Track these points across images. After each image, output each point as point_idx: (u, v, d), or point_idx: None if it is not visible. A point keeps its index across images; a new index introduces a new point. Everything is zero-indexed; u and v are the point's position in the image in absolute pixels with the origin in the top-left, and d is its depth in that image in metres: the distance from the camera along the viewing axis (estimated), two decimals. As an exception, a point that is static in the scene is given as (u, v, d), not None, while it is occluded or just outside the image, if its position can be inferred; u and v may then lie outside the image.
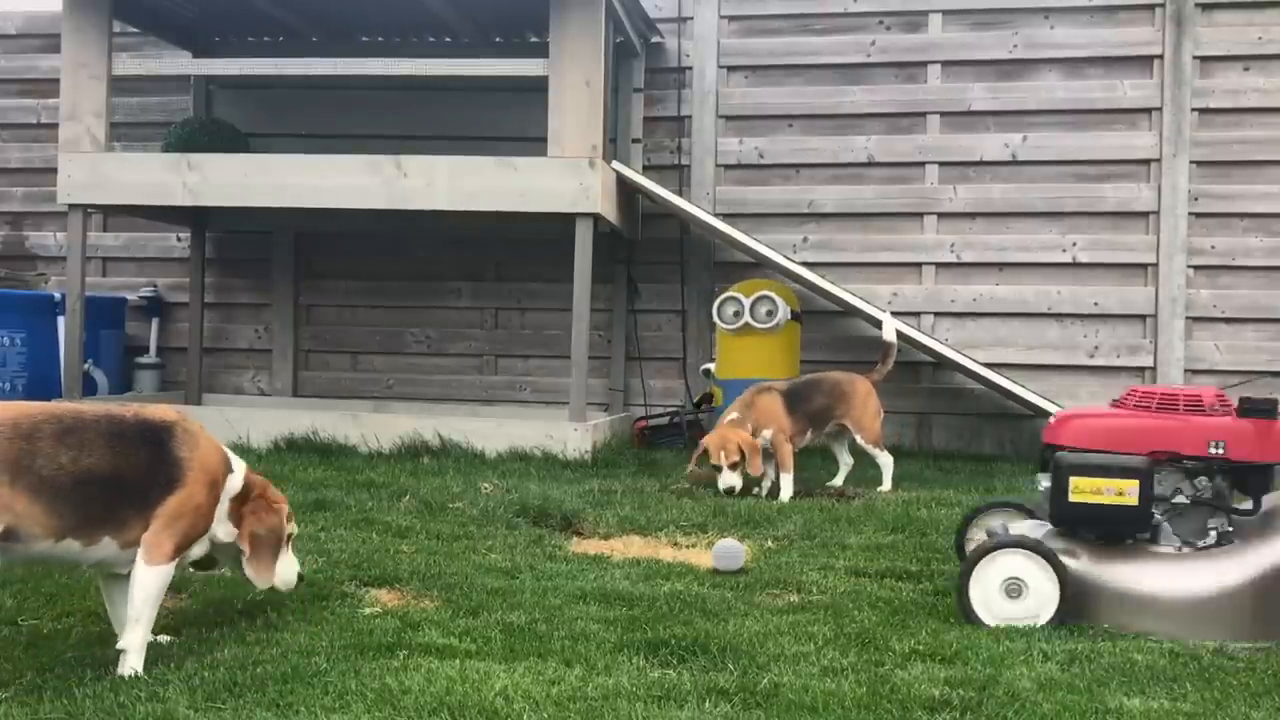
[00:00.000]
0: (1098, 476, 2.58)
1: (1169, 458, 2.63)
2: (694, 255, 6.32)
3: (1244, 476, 2.64)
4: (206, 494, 2.28)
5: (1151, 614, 2.53)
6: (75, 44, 5.69)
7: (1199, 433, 2.63)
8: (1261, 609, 2.48)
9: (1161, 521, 2.65)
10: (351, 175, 5.47)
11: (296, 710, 1.94)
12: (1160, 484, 2.63)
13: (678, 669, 2.21)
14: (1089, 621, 2.56)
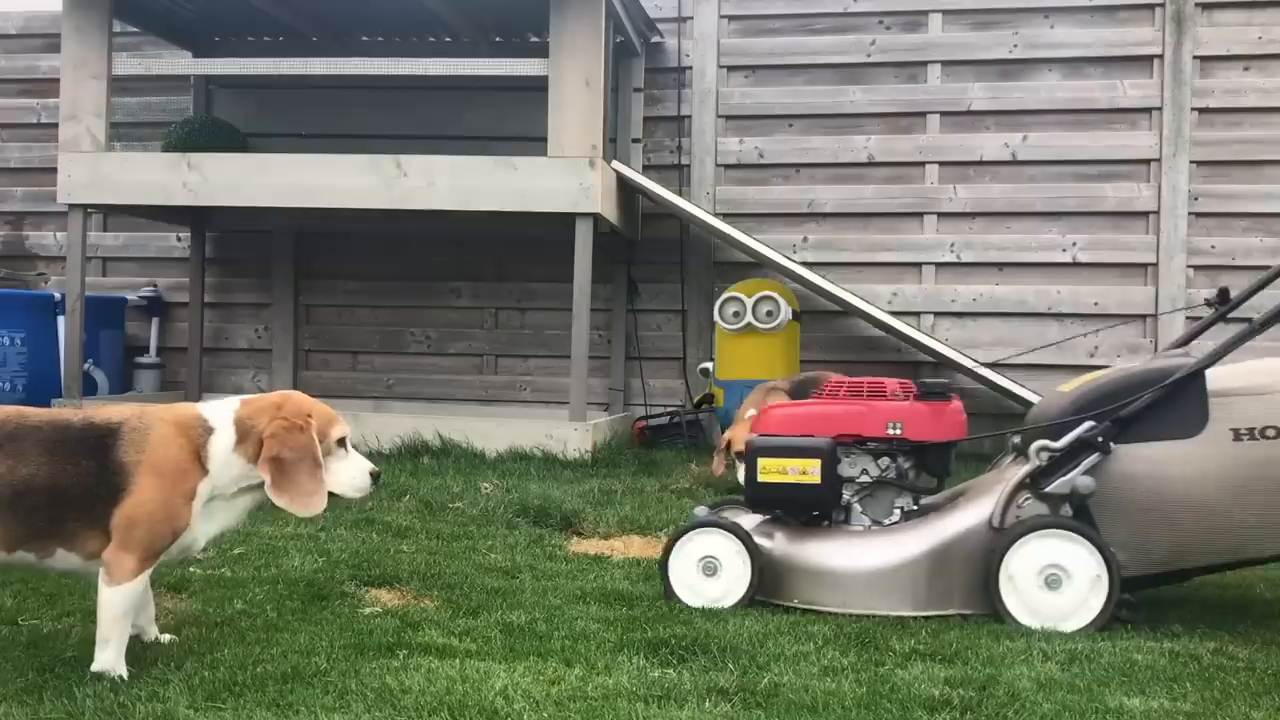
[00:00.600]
0: (783, 457, 2.73)
1: (854, 440, 2.78)
2: (694, 255, 6.32)
3: (924, 456, 2.82)
4: (164, 495, 2.10)
5: (837, 588, 2.68)
6: (75, 44, 5.69)
7: (879, 415, 2.79)
8: (935, 580, 2.63)
9: (852, 502, 2.81)
10: (351, 175, 5.47)
11: (296, 710, 1.94)
12: (849, 466, 2.79)
13: (678, 669, 2.21)
14: (783, 599, 2.69)
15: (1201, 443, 2.58)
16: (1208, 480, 2.56)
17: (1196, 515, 2.57)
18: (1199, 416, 2.58)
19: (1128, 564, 2.58)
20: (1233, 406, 2.58)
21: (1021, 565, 2.57)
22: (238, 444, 2.17)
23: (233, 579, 2.90)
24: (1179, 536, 2.58)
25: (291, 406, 2.22)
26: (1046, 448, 2.63)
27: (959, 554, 2.63)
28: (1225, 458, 2.56)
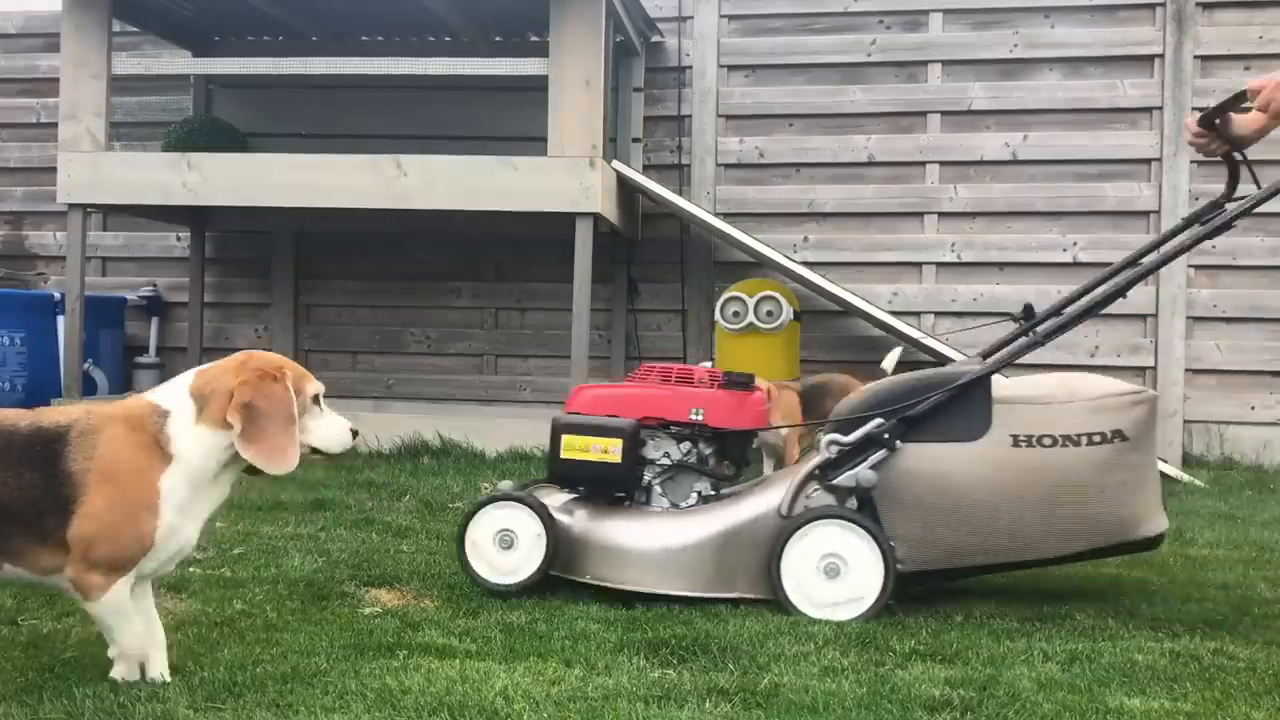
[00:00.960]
0: (586, 435, 2.79)
1: (658, 423, 2.84)
2: (694, 255, 6.32)
3: (725, 443, 2.88)
4: (119, 503, 1.91)
5: (627, 566, 2.73)
6: (75, 43, 5.69)
7: (682, 401, 2.85)
8: (721, 563, 2.70)
9: (654, 484, 2.86)
10: (351, 175, 5.47)
11: (296, 710, 1.94)
12: (652, 449, 2.85)
13: (678, 669, 2.21)
14: (577, 575, 2.74)
15: (983, 446, 2.66)
16: (987, 482, 2.64)
17: (975, 515, 2.64)
18: (983, 421, 2.67)
19: (907, 558, 2.66)
20: (1014, 414, 2.67)
21: (802, 553, 2.64)
22: (200, 415, 1.98)
23: (233, 579, 2.90)
24: (957, 535, 2.66)
25: (259, 360, 2.06)
26: (836, 441, 2.71)
27: (747, 539, 2.70)
28: (1004, 462, 2.64)
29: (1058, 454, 2.63)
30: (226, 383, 2.01)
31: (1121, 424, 2.64)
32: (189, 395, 2.01)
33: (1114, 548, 2.71)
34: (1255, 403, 5.86)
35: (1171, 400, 5.86)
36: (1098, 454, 2.63)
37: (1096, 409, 2.64)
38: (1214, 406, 5.89)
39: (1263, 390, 5.87)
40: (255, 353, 2.09)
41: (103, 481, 1.90)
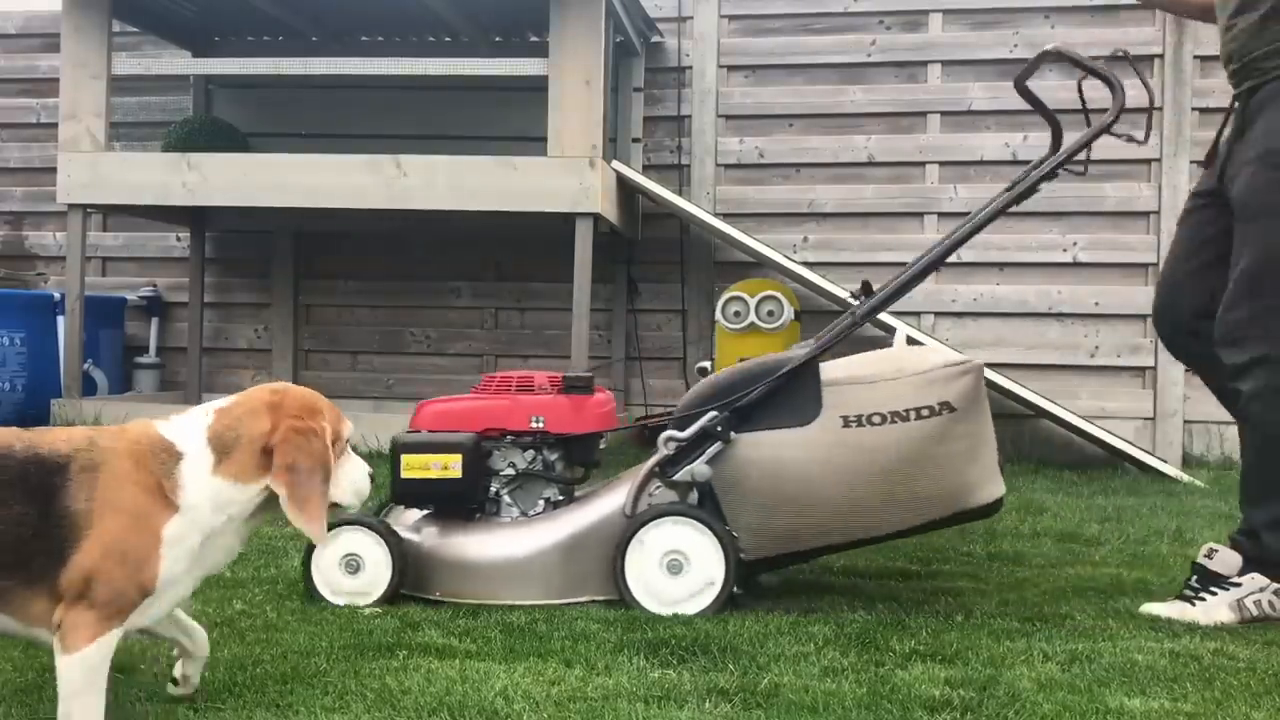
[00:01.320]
0: (425, 453, 2.77)
1: (500, 434, 2.84)
2: (694, 255, 6.32)
3: (569, 448, 2.88)
4: (121, 545, 1.69)
5: (475, 578, 2.73)
6: (75, 43, 5.69)
7: (522, 409, 2.85)
8: (569, 568, 2.71)
9: (502, 494, 2.86)
10: (351, 175, 5.47)
11: (296, 710, 1.94)
12: (498, 460, 2.85)
13: (678, 669, 2.21)
14: (428, 593, 2.72)
15: (815, 429, 2.68)
16: (821, 465, 2.66)
17: (812, 498, 2.66)
18: (813, 405, 2.69)
19: (751, 546, 2.68)
20: (843, 395, 2.69)
21: (644, 552, 2.65)
22: (217, 465, 1.77)
23: (232, 579, 2.90)
24: (797, 519, 2.67)
25: (294, 403, 1.83)
26: (673, 437, 2.71)
27: (594, 542, 2.71)
28: (836, 443, 2.66)
29: (887, 431, 2.66)
30: (256, 430, 1.79)
31: (948, 395, 2.66)
32: (206, 439, 1.78)
33: (953, 517, 2.73)
34: (1255, 403, 5.85)
35: (1171, 400, 5.86)
36: (927, 427, 2.65)
37: (922, 383, 2.66)
38: (1214, 406, 5.76)
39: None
40: (289, 389, 1.86)
41: (108, 520, 1.69)
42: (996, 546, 3.50)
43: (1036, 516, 4.04)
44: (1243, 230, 2.69)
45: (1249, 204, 2.67)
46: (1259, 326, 2.63)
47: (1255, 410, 2.65)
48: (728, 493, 2.69)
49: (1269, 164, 2.63)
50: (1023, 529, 3.81)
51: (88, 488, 1.69)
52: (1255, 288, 2.64)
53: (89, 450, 1.73)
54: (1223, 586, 2.66)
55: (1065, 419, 5.41)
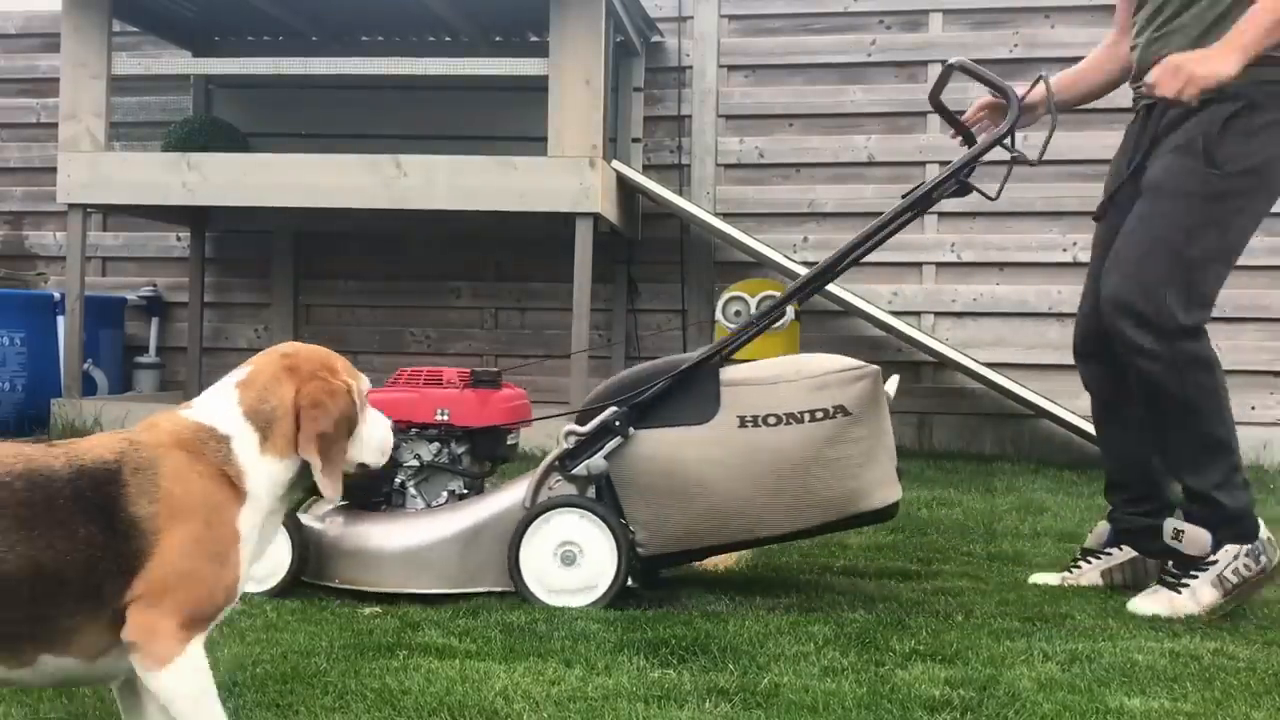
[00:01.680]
0: None
1: (406, 425, 2.87)
2: (694, 255, 6.32)
3: (474, 441, 2.92)
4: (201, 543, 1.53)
5: (373, 567, 2.76)
6: (75, 43, 5.69)
7: (428, 402, 2.89)
8: (467, 558, 2.74)
9: (408, 486, 2.89)
10: (351, 175, 5.47)
11: (296, 710, 1.94)
12: (405, 451, 2.88)
13: (678, 669, 2.21)
14: (327, 580, 2.75)
15: (712, 428, 2.72)
16: (717, 464, 2.70)
17: (707, 497, 2.70)
18: (711, 404, 2.73)
19: (647, 542, 2.72)
20: (740, 395, 2.73)
21: (539, 543, 2.69)
22: (264, 442, 1.61)
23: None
24: (692, 517, 2.71)
25: (311, 362, 1.67)
26: (573, 432, 2.75)
27: (493, 534, 2.74)
28: (732, 443, 2.70)
29: (782, 432, 2.69)
30: (287, 398, 1.63)
31: (844, 400, 2.70)
32: (245, 418, 1.61)
33: (847, 520, 2.77)
34: (1255, 403, 5.85)
35: (1171, 400, 5.85)
36: (821, 430, 2.69)
37: (818, 386, 2.70)
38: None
39: (1263, 390, 5.86)
40: (297, 349, 1.70)
41: (175, 523, 1.50)
42: (996, 546, 3.50)
43: (1036, 516, 4.04)
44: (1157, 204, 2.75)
45: (1167, 183, 2.74)
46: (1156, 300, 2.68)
47: (1169, 380, 2.68)
48: (625, 488, 2.74)
49: (1190, 153, 2.70)
50: (1023, 529, 3.81)
51: (148, 489, 1.50)
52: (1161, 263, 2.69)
53: (134, 450, 1.54)
54: (1200, 568, 2.69)
55: (1065, 419, 5.41)
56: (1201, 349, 2.70)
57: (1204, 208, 2.69)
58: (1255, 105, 2.66)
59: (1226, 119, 2.66)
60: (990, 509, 4.16)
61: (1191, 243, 2.69)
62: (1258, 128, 2.67)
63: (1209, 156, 2.67)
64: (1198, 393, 2.68)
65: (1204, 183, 2.68)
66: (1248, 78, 2.64)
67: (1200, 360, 2.69)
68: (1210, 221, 2.69)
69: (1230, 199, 2.69)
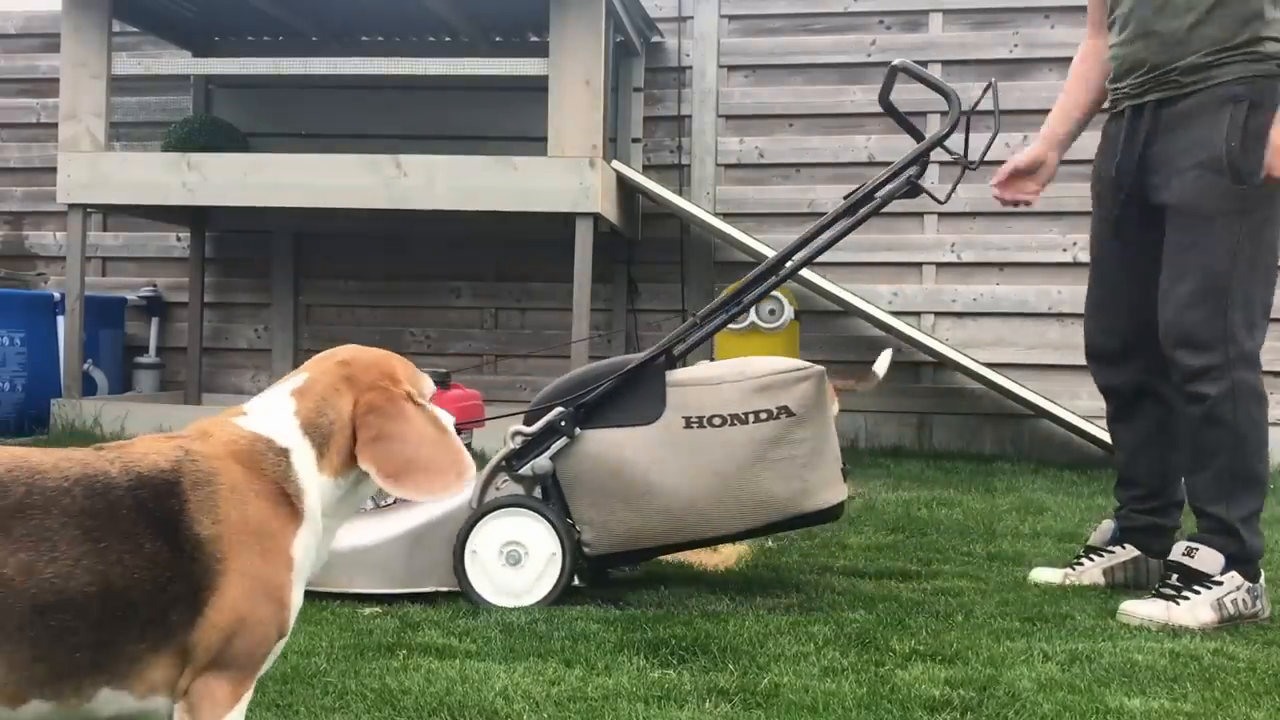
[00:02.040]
0: None
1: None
2: (694, 255, 6.32)
3: None
4: (265, 575, 1.38)
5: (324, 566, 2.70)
6: (75, 43, 5.69)
7: None
8: (415, 558, 2.74)
9: None
10: (351, 175, 5.47)
11: (296, 710, 1.94)
12: None
13: (678, 669, 2.21)
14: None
15: (657, 429, 2.74)
16: (662, 464, 2.71)
17: (653, 496, 2.71)
18: (657, 405, 2.75)
19: (594, 542, 2.73)
20: (686, 396, 2.75)
21: (484, 542, 2.69)
22: (320, 458, 1.47)
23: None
24: (639, 516, 2.72)
25: (369, 371, 1.53)
26: (520, 432, 2.76)
27: (441, 534, 2.74)
28: (677, 443, 2.72)
29: (726, 433, 2.71)
30: (346, 410, 1.49)
31: (788, 400, 2.72)
32: (302, 430, 1.47)
33: (792, 521, 2.79)
34: (1255, 403, 5.85)
35: (1171, 400, 5.85)
36: (765, 430, 2.71)
37: (762, 387, 2.72)
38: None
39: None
40: (356, 356, 1.56)
41: (240, 547, 1.36)
42: (996, 546, 3.50)
43: (1036, 516, 4.03)
44: (1195, 231, 2.72)
45: (1201, 206, 2.71)
46: (1217, 327, 2.67)
47: (1225, 411, 2.67)
48: (572, 488, 2.75)
49: (1214, 170, 2.67)
50: (1023, 529, 3.80)
51: (209, 507, 1.35)
52: (1213, 290, 2.68)
53: (191, 460, 1.38)
54: (1205, 585, 2.67)
55: (1065, 419, 5.41)
56: (1258, 382, 2.70)
57: (1241, 224, 2.67)
58: (1256, 105, 2.66)
59: (1243, 125, 2.64)
60: (990, 509, 4.16)
61: (1238, 262, 2.67)
62: (1263, 129, 2.66)
63: (1235, 171, 2.65)
64: (1249, 425, 2.68)
65: (1237, 199, 2.66)
66: (1231, 75, 2.66)
67: (1256, 393, 2.69)
68: (1248, 235, 2.67)
69: (1262, 207, 2.68)
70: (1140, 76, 2.80)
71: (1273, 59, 2.68)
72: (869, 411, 6.07)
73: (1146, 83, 2.79)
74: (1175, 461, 2.93)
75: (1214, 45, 2.69)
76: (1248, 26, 2.67)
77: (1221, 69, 2.69)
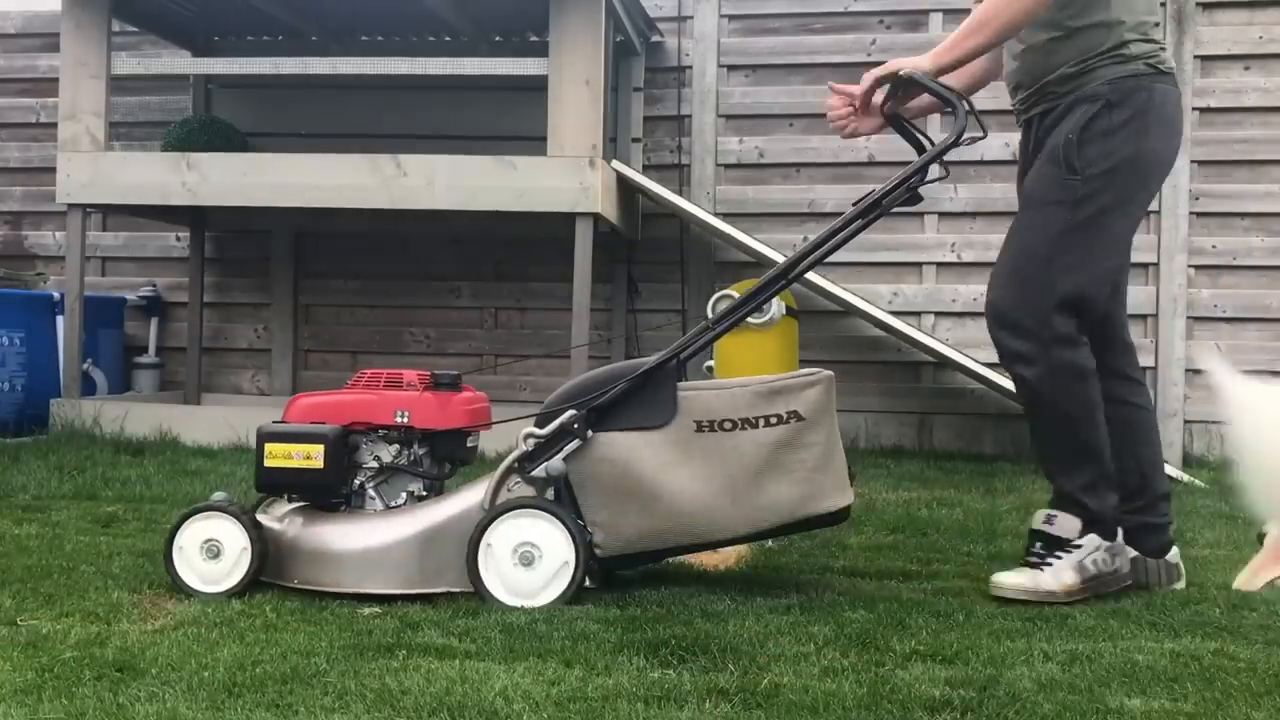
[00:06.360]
0: (288, 443, 2.82)
1: (366, 427, 2.89)
2: (694, 255, 6.32)
3: (435, 443, 2.94)
4: None
5: (332, 567, 2.77)
6: (75, 43, 5.69)
7: (387, 404, 2.90)
8: (427, 559, 2.75)
9: (368, 486, 2.91)
10: (351, 175, 5.47)
11: (296, 710, 1.94)
12: (365, 453, 2.90)
13: (678, 669, 2.21)
14: (286, 580, 2.78)
15: (669, 432, 2.75)
16: (673, 467, 2.73)
17: (664, 499, 2.73)
18: (669, 408, 2.76)
19: (605, 543, 2.74)
20: (697, 400, 2.76)
21: (498, 543, 2.70)
22: None
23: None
24: (650, 519, 2.74)
25: None
26: (532, 434, 2.77)
27: (453, 534, 2.74)
28: (688, 446, 2.74)
29: (737, 437, 2.74)
30: None
31: (798, 405, 2.75)
32: None
33: (800, 523, 2.81)
34: (1255, 403, 5.85)
35: (1171, 400, 5.86)
36: (775, 434, 2.74)
37: (772, 392, 2.75)
38: (1214, 406, 5.88)
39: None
40: None
41: None
42: (996, 546, 3.50)
43: (1036, 516, 4.03)
44: (1024, 214, 2.89)
45: (1034, 193, 2.86)
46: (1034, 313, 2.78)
47: (1045, 390, 2.80)
48: (583, 489, 2.76)
49: (1052, 160, 2.80)
50: (1023, 529, 3.79)
51: None
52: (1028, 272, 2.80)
53: None
54: (1066, 550, 2.80)
55: (1065, 419, 5.40)
56: (1077, 357, 2.80)
57: (1069, 214, 2.78)
58: (1112, 104, 2.76)
59: (1086, 122, 2.76)
60: (990, 509, 4.16)
61: (1061, 251, 2.77)
62: (1116, 126, 2.75)
63: (1068, 163, 2.77)
64: (1070, 400, 2.80)
65: (1066, 189, 2.77)
66: (1097, 80, 2.77)
67: (1074, 368, 2.80)
68: (1077, 226, 2.77)
69: (1094, 200, 2.77)
70: (1024, 93, 2.95)
71: (1138, 59, 2.78)
72: (869, 412, 6.08)
73: (1030, 98, 2.94)
74: (1147, 455, 2.99)
75: (1081, 55, 2.80)
76: (1112, 34, 2.78)
77: (1090, 74, 2.79)
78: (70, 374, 5.70)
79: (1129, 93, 2.76)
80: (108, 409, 5.63)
